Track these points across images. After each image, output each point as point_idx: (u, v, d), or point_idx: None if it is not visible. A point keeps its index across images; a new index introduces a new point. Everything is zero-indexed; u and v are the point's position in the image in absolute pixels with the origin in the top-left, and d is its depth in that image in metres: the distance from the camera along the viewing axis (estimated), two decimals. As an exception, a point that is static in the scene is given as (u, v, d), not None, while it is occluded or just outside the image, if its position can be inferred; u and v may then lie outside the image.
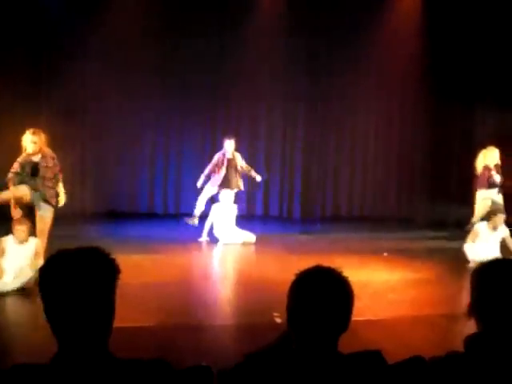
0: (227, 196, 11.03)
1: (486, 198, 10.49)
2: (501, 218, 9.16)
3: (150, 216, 13.48)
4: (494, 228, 9.06)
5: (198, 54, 13.14)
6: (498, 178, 10.47)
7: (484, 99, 13.61)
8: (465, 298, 7.53)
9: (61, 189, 8.37)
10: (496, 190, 10.54)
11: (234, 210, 11.01)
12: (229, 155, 11.30)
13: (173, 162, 13.84)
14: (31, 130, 8.12)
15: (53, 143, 12.68)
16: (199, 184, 11.32)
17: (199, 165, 12.33)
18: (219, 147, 11.52)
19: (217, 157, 11.34)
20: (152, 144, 13.78)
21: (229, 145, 11.34)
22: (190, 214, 11.45)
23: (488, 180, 10.47)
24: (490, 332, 2.09)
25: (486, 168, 10.53)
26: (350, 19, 13.53)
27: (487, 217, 9.66)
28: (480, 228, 9.22)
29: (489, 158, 10.57)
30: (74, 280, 1.81)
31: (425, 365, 2.11)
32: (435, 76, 13.70)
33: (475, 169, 10.82)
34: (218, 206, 10.77)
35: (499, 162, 10.64)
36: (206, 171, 11.30)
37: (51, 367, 1.81)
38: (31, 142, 8.07)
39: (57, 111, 12.52)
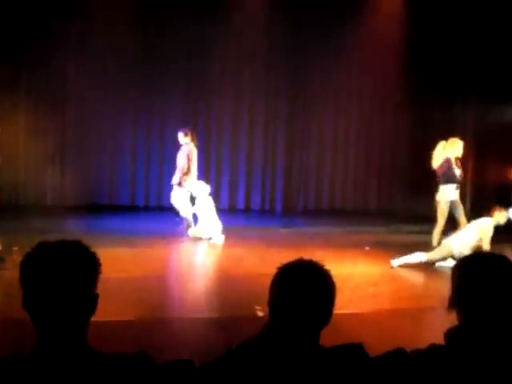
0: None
1: (489, 229, 9.04)
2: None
3: (131, 209, 13.43)
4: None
5: (181, 44, 13.10)
6: (457, 173, 9.84)
7: (465, 93, 13.70)
8: (445, 291, 7.58)
9: None
10: (455, 185, 9.84)
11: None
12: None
13: (154, 155, 13.78)
14: None
15: (33, 133, 12.69)
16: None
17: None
18: (200, 140, 11.40)
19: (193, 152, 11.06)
20: (133, 137, 13.72)
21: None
22: (172, 207, 11.40)
23: (446, 174, 9.82)
24: (470, 325, 2.09)
25: (447, 161, 9.85)
26: (332, 15, 13.55)
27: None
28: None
29: (449, 150, 9.90)
30: (55, 272, 1.80)
31: (406, 358, 2.11)
32: (416, 70, 13.78)
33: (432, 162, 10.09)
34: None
35: (460, 156, 10.05)
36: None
37: (29, 360, 1.80)
38: None
39: (35, 101, 12.47)
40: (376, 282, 7.77)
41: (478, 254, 2.23)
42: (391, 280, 8.03)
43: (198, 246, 9.95)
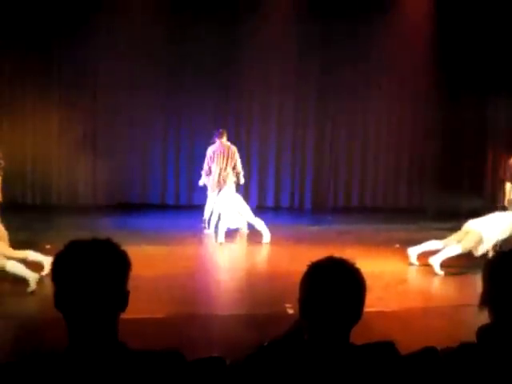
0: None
1: None
2: None
3: (162, 207, 13.50)
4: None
5: (210, 42, 13.11)
6: None
7: (498, 90, 13.53)
8: (477, 288, 7.50)
9: None
10: None
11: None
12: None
13: (184, 153, 13.83)
14: None
15: (64, 135, 12.84)
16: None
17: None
18: (229, 140, 11.43)
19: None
20: (164, 136, 13.79)
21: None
22: (202, 206, 11.46)
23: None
24: (502, 323, 2.07)
25: None
26: (359, 15, 13.47)
27: None
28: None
29: None
30: (86, 271, 1.82)
31: (437, 356, 2.10)
32: (448, 66, 13.64)
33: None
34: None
35: None
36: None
37: (62, 358, 1.82)
38: None
39: (66, 103, 12.63)
40: (406, 280, 7.73)
41: (510, 252, 2.19)
42: (422, 278, 7.97)
43: (228, 243, 9.96)
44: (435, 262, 8.12)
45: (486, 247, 8.14)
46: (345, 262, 2.07)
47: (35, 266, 6.94)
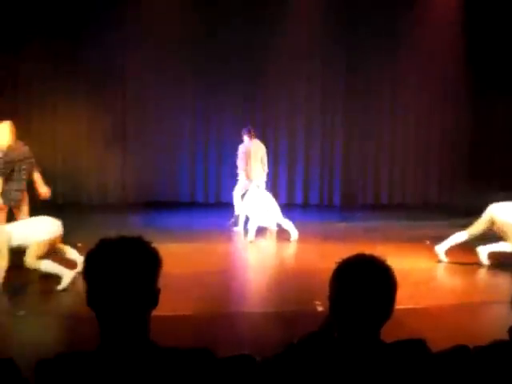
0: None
1: None
2: None
3: (191, 205, 13.54)
4: None
5: (238, 40, 13.12)
6: None
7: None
8: (508, 286, 7.42)
9: None
10: None
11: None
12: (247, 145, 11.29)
13: (213, 151, 13.86)
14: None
15: (93, 134, 12.97)
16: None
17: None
18: (257, 136, 11.45)
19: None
20: (192, 133, 13.83)
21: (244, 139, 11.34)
22: (231, 204, 11.50)
23: None
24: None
25: None
26: (388, 9, 13.38)
27: None
28: None
29: None
30: (117, 268, 1.83)
31: (469, 354, 2.08)
32: (478, 61, 13.49)
33: None
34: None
35: None
36: None
37: (94, 356, 1.84)
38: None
39: (94, 100, 12.74)
40: (437, 277, 7.67)
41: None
42: (453, 274, 7.90)
43: (257, 241, 9.97)
44: (441, 248, 8.31)
45: None
46: (375, 259, 2.06)
47: (69, 264, 7.01)
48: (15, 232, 6.78)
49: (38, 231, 6.84)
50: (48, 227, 6.95)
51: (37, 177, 8.23)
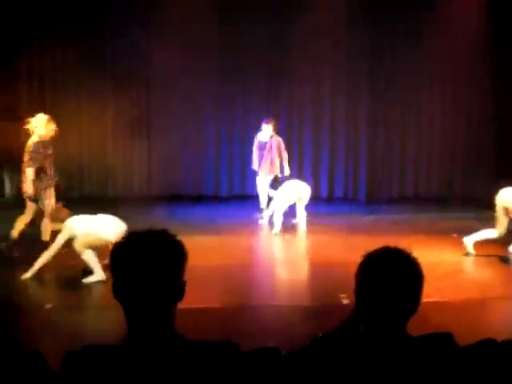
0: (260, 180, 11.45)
1: None
2: None
3: (215, 199, 13.56)
4: None
5: (261, 33, 13.11)
6: None
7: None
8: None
9: None
10: None
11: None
12: (263, 138, 11.40)
13: (237, 144, 13.86)
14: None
15: (119, 128, 13.07)
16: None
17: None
18: (281, 128, 11.45)
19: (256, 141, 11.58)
20: (216, 126, 13.84)
21: (266, 129, 11.36)
22: (255, 196, 11.52)
23: None
24: None
25: None
26: (411, 3, 13.33)
27: None
28: None
29: None
30: (144, 261, 1.84)
31: (498, 347, 2.06)
32: (503, 51, 13.32)
33: None
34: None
35: None
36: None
37: (121, 348, 1.85)
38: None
39: (119, 90, 12.83)
40: (464, 271, 7.61)
41: None
42: (480, 268, 7.83)
43: (282, 234, 9.96)
44: (469, 240, 8.32)
45: None
46: (401, 252, 2.05)
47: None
48: (78, 227, 6.95)
49: (105, 230, 6.95)
50: (115, 229, 7.00)
51: None
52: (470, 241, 8.38)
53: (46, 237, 8.08)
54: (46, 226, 8.09)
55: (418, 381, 1.91)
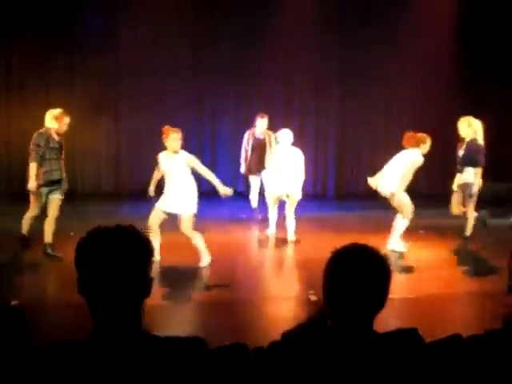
0: (253, 183, 10.96)
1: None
2: None
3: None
4: None
5: (230, 31, 13.11)
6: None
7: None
8: (502, 275, 7.43)
9: None
10: None
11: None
12: (259, 135, 10.74)
13: (207, 140, 13.83)
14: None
15: (87, 124, 12.92)
16: (243, 170, 11.00)
17: (233, 142, 12.39)
18: (251, 124, 11.40)
19: (245, 138, 10.85)
20: (186, 122, 13.79)
21: (261, 123, 10.64)
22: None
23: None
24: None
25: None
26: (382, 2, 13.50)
27: None
28: None
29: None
30: (109, 257, 1.82)
31: (463, 343, 2.08)
32: (470, 55, 13.52)
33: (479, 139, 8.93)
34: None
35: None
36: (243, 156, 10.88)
37: (87, 344, 1.83)
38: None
39: (87, 99, 12.70)
40: (430, 267, 7.67)
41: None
42: (446, 264, 7.91)
43: (252, 231, 9.95)
44: (391, 245, 8.35)
45: None
46: (369, 249, 2.06)
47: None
48: (163, 206, 7.46)
49: (189, 204, 7.41)
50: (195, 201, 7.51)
51: None
52: (394, 242, 8.44)
53: (48, 238, 7.71)
54: (49, 227, 7.77)
55: (385, 376, 1.93)
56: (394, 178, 8.45)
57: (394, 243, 8.40)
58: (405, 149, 8.72)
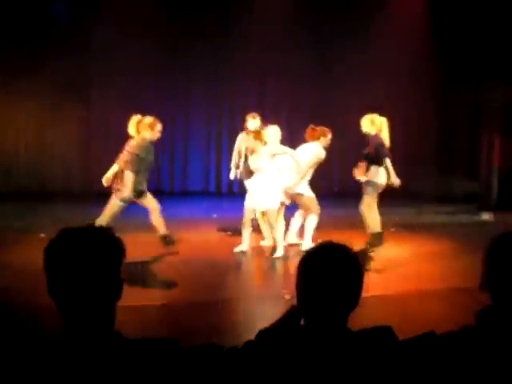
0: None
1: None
2: None
3: (156, 194, 13.42)
4: None
5: (202, 31, 13.10)
6: None
7: (494, 76, 13.52)
8: (474, 271, 7.48)
9: None
10: None
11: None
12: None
13: (179, 139, 13.79)
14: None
15: (57, 120, 12.79)
16: (232, 176, 9.87)
17: (205, 141, 12.36)
18: (224, 119, 11.35)
19: (238, 141, 9.86)
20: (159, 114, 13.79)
21: (253, 124, 9.44)
22: (198, 193, 11.44)
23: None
24: (502, 305, 2.05)
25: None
26: (356, 5, 13.55)
27: None
28: None
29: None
30: (79, 258, 1.79)
31: (436, 340, 2.08)
32: (443, 54, 13.65)
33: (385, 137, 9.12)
34: None
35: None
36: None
37: (57, 347, 1.80)
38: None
39: (58, 88, 12.60)
40: (403, 264, 7.72)
41: (509, 234, 2.16)
42: (418, 261, 7.97)
43: (224, 231, 9.92)
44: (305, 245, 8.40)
45: None
46: (341, 247, 2.06)
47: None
48: (252, 203, 8.00)
49: (273, 199, 7.91)
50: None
51: None
52: (307, 243, 8.48)
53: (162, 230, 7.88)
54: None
55: (359, 375, 1.92)
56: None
57: (308, 242, 8.48)
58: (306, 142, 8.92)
